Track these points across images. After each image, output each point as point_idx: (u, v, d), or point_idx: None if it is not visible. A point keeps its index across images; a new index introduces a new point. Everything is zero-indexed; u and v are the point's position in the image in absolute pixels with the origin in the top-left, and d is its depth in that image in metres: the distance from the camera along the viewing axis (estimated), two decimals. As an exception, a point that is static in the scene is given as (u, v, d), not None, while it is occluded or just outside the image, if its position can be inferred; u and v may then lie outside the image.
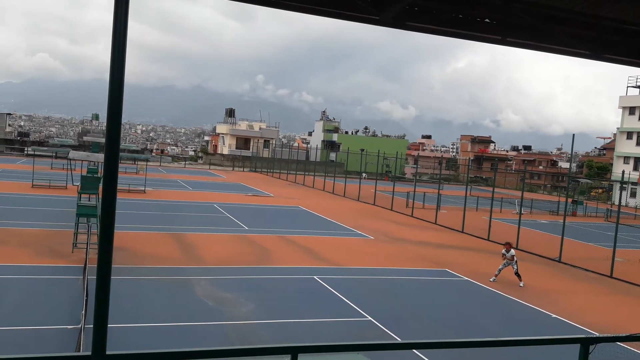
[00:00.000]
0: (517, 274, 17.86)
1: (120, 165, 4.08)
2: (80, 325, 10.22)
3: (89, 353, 3.65)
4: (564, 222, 24.27)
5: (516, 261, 17.96)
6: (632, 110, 65.71)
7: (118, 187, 3.76)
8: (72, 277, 14.38)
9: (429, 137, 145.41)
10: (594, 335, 5.63)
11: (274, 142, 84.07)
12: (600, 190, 73.12)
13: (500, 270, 18.00)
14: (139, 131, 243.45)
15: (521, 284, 17.69)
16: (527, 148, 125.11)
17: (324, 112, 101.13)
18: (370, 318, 12.97)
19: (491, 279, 17.95)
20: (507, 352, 10.36)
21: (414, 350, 10.52)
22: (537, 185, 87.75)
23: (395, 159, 49.79)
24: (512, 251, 18.05)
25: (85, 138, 68.37)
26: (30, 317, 11.32)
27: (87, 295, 11.42)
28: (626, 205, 55.42)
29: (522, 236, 25.33)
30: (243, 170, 72.04)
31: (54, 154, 48.68)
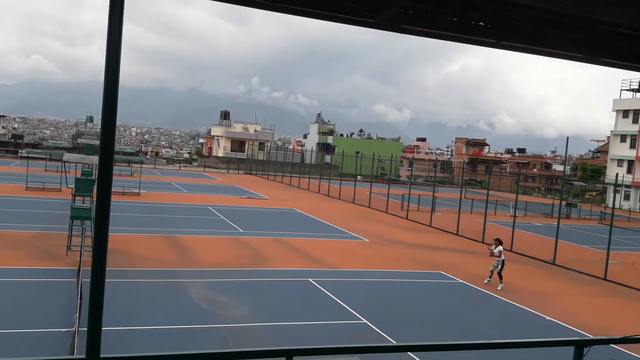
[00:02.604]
0: (499, 274, 17.51)
1: (114, 167, 4.07)
2: (74, 328, 10.18)
3: (83, 356, 3.63)
4: (558, 224, 24.33)
5: (503, 260, 17.58)
6: (625, 113, 66.04)
7: (112, 190, 3.74)
8: (66, 280, 14.32)
9: (423, 139, 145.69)
10: (588, 338, 5.65)
11: (269, 145, 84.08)
12: (594, 193, 73.43)
13: (492, 270, 17.87)
14: (134, 133, 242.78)
15: (499, 287, 17.33)
16: (522, 151, 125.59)
17: (319, 114, 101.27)
18: (365, 320, 12.97)
19: (485, 281, 17.94)
20: (502, 354, 10.36)
21: (409, 353, 10.52)
22: (531, 187, 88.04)
23: (390, 162, 49.82)
24: (500, 247, 17.64)
25: (79, 140, 68.14)
26: (24, 319, 11.25)
27: (81, 298, 11.38)
28: (620, 208, 55.66)
29: (516, 239, 25.40)
30: (238, 173, 71.96)
31: (48, 156, 48.52)
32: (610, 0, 6.36)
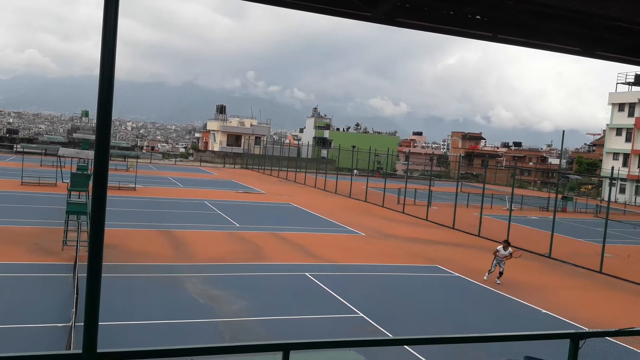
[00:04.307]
0: (501, 272, 17.41)
1: (110, 162, 4.05)
2: (70, 323, 10.16)
3: (80, 351, 3.63)
4: (554, 218, 24.40)
5: (504, 262, 17.49)
6: (621, 106, 66.12)
7: (108, 185, 3.73)
8: (62, 275, 14.30)
9: (420, 133, 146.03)
10: (584, 331, 5.67)
11: (265, 139, 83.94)
12: (589, 187, 73.60)
13: (499, 269, 17.42)
14: (129, 128, 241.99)
15: (486, 276, 17.58)
16: (518, 144, 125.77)
17: (315, 108, 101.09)
18: (361, 314, 13.00)
19: (497, 282, 17.27)
20: (498, 347, 10.41)
21: (406, 346, 10.56)
22: (527, 181, 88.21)
23: (387, 156, 49.83)
24: (510, 249, 17.51)
25: (75, 135, 67.79)
26: (20, 315, 11.24)
27: (77, 293, 11.37)
28: (615, 201, 55.84)
29: (512, 232, 25.42)
30: (234, 167, 71.90)
31: (44, 151, 48.34)
32: (606, -6, 6.36)
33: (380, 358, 9.71)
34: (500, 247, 17.83)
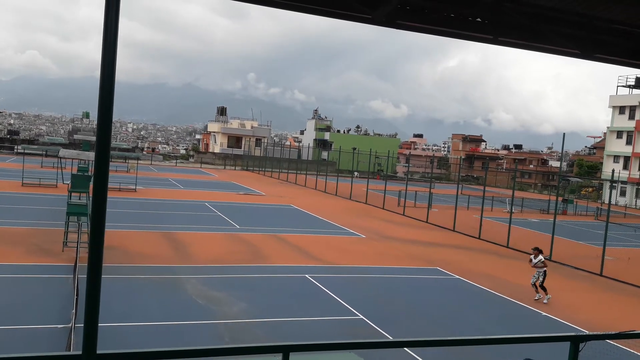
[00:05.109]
0: (542, 286, 16.00)
1: (110, 163, 4.05)
2: (70, 325, 10.17)
3: (80, 352, 3.63)
4: (555, 220, 24.39)
5: (545, 270, 16.07)
6: (622, 109, 66.12)
7: (109, 186, 3.74)
8: (62, 276, 14.30)
9: (420, 136, 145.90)
10: (584, 333, 5.67)
11: (265, 141, 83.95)
12: (590, 189, 73.54)
13: (534, 283, 16.21)
14: (130, 129, 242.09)
15: (545, 300, 15.88)
16: (518, 147, 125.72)
17: (316, 110, 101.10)
18: (361, 316, 12.99)
19: (535, 298, 16.01)
20: (498, 350, 10.40)
21: (406, 349, 10.55)
22: (527, 184, 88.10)
23: (387, 158, 49.84)
24: (541, 257, 16.21)
25: (75, 136, 67.86)
26: (20, 316, 11.24)
27: (77, 295, 11.37)
28: (616, 204, 55.78)
29: (512, 235, 25.45)
30: (235, 169, 71.90)
31: (44, 153, 48.28)
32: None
33: (380, 360, 9.70)
34: (532, 256, 16.46)
